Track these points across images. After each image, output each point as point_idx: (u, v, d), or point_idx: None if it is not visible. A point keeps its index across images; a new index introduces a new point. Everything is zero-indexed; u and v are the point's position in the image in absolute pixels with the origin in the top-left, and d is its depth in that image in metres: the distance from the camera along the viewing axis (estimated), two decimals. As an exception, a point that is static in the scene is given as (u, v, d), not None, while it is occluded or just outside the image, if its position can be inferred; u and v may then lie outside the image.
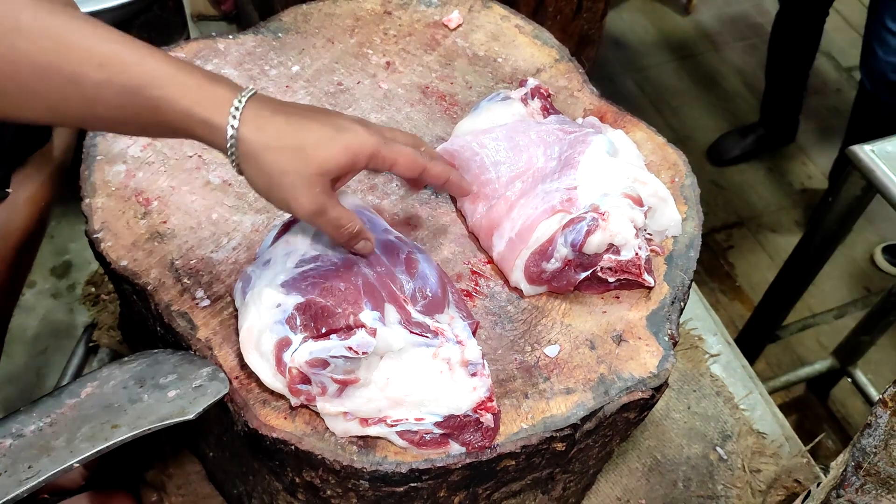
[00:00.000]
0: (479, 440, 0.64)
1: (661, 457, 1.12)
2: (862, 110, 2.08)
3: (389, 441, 0.65)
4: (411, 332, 0.65)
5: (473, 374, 0.65)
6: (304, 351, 0.62)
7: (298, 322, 0.63)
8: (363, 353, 0.62)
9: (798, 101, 2.46)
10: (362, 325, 0.62)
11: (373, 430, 0.65)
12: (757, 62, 2.86)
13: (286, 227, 0.73)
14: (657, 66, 2.83)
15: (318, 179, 0.60)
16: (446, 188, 0.73)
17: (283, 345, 0.63)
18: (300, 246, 0.70)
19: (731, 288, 2.28)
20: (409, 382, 0.64)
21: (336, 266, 0.67)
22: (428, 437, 0.64)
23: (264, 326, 0.64)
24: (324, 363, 0.62)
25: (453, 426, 0.64)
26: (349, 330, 0.62)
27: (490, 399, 0.64)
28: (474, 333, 0.69)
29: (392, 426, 0.64)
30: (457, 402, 0.63)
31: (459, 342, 0.66)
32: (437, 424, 0.63)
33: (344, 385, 0.63)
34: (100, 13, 1.28)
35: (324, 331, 0.62)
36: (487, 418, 0.64)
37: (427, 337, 0.65)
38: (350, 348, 0.61)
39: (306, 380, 0.63)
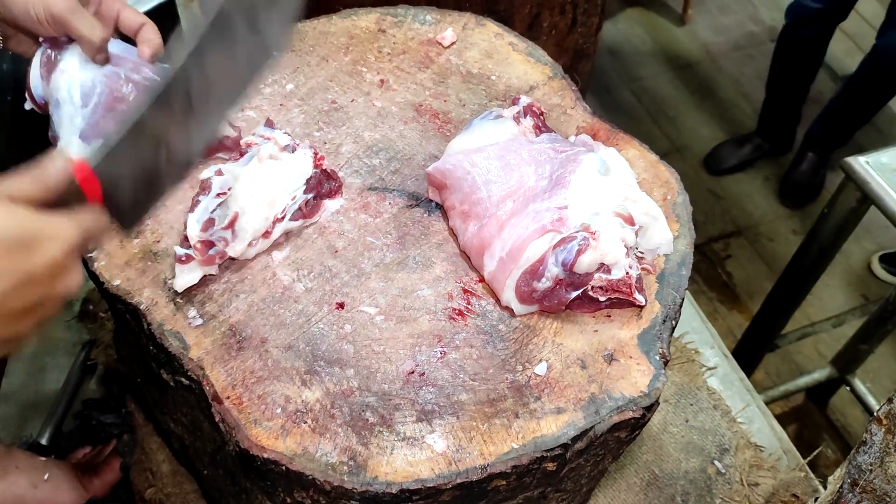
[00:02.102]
0: (334, 185, 0.84)
1: (658, 471, 1.12)
2: (868, 82, 2.16)
3: (289, 230, 0.81)
4: (235, 159, 0.81)
5: (294, 149, 0.81)
6: (192, 224, 0.75)
7: None
8: (228, 190, 0.76)
9: (797, 113, 2.48)
10: (209, 178, 0.76)
11: (277, 232, 0.79)
12: (753, 71, 2.87)
13: (47, 66, 0.80)
14: (653, 76, 2.84)
15: None
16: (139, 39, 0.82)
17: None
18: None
19: (729, 297, 2.28)
20: (264, 186, 0.78)
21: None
22: (309, 206, 0.81)
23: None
24: (211, 221, 0.75)
25: (314, 186, 0.81)
26: (204, 188, 0.76)
27: (317, 155, 0.82)
28: (270, 125, 0.85)
29: (282, 219, 0.79)
30: (302, 171, 0.81)
31: (266, 138, 0.82)
32: (306, 192, 0.81)
33: (233, 224, 0.77)
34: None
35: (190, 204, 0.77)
36: (326, 163, 0.83)
37: (245, 154, 0.82)
38: (218, 194, 0.76)
39: (209, 244, 0.76)
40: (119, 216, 0.60)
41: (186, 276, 0.76)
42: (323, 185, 0.83)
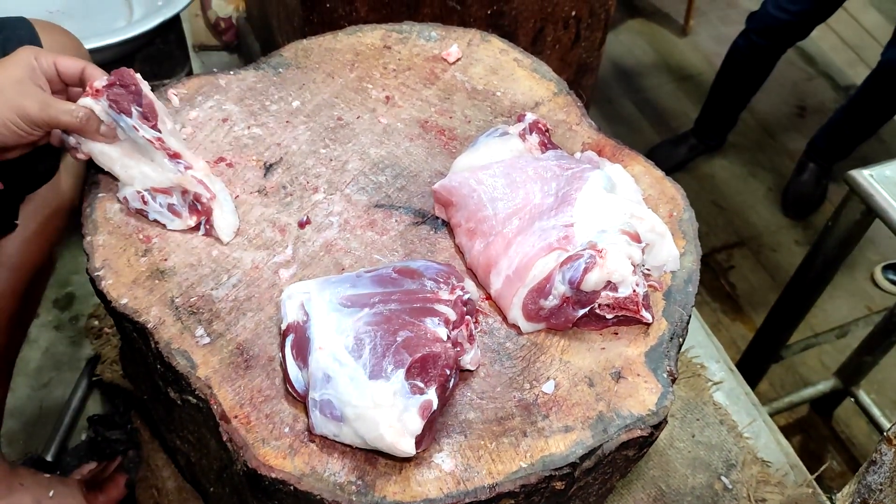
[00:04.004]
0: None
1: (665, 487, 1.11)
2: (874, 96, 2.17)
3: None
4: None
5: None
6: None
7: None
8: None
9: (735, 118, 2.53)
10: None
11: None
12: (755, 82, 2.86)
13: None
14: (656, 87, 2.85)
15: (28, 80, 0.74)
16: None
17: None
18: None
19: (733, 308, 2.27)
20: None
21: None
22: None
23: None
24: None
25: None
26: None
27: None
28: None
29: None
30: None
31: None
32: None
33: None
34: (104, 49, 1.30)
35: None
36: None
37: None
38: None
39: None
40: None
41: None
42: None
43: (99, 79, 0.79)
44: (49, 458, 1.09)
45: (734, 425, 1.20)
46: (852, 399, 1.90)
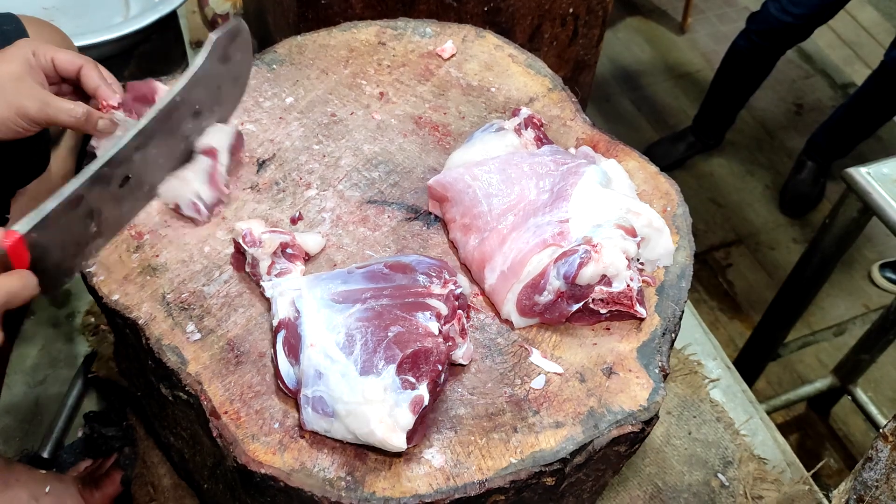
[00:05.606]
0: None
1: (662, 484, 1.11)
2: (877, 95, 2.16)
3: None
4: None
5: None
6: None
7: None
8: None
9: (733, 117, 2.52)
10: None
11: None
12: (754, 80, 2.85)
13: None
14: (653, 84, 2.84)
15: (27, 77, 0.74)
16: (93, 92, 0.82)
17: None
18: None
19: (730, 306, 2.27)
20: None
21: None
22: None
23: None
24: None
25: None
26: None
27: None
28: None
29: None
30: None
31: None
32: None
33: None
34: (101, 45, 1.29)
35: None
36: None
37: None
38: None
39: None
40: (43, 279, 0.64)
41: None
42: None
43: (108, 94, 0.80)
44: (45, 455, 1.08)
45: (731, 422, 1.19)
46: (849, 397, 1.90)
